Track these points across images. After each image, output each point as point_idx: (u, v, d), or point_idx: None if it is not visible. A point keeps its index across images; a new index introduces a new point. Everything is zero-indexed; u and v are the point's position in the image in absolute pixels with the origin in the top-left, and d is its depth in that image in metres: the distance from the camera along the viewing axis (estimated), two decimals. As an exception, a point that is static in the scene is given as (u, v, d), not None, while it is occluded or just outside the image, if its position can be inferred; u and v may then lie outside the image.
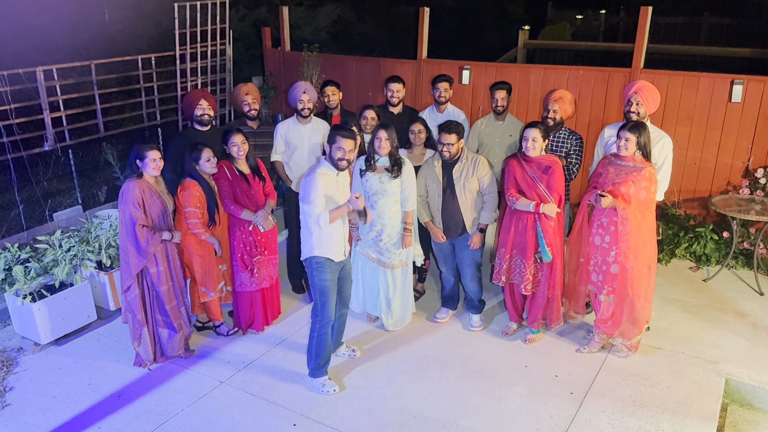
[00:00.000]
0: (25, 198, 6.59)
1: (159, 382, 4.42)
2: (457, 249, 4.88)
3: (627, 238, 4.29)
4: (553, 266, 4.59)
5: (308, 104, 5.28)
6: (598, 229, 4.43)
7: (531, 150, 4.46)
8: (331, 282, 4.19)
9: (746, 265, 5.93)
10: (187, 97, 5.21)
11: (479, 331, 5.04)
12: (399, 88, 5.58)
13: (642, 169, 4.26)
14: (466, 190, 4.67)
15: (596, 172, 4.50)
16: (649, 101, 4.63)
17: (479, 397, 4.21)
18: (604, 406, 4.10)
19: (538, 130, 4.43)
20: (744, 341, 4.79)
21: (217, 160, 4.60)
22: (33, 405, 4.20)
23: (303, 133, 5.34)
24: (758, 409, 4.31)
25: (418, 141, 5.01)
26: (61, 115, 6.71)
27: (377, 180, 4.63)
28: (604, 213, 4.38)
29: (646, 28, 6.24)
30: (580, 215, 4.52)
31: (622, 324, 4.51)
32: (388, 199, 4.65)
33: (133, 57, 7.46)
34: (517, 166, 4.54)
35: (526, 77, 6.88)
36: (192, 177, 4.54)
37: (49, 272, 4.85)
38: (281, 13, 8.55)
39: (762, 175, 5.82)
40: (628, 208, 4.25)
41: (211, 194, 4.60)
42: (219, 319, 4.98)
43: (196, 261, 4.68)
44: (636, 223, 4.27)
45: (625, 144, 4.27)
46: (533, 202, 4.45)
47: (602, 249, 4.43)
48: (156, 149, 4.30)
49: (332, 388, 4.27)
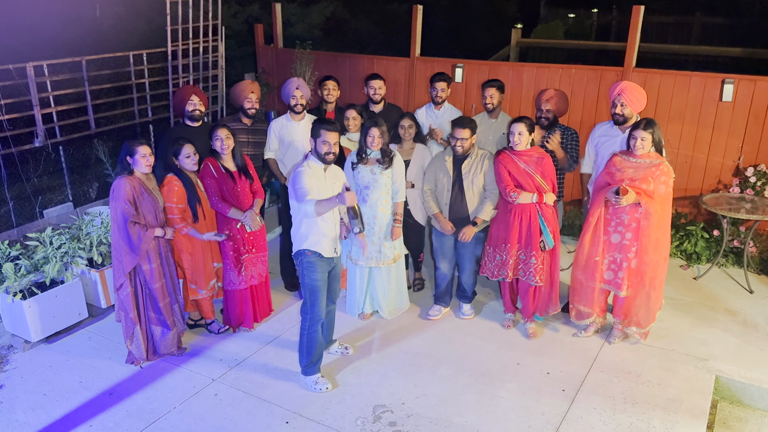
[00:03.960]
0: (15, 195, 6.53)
1: (151, 379, 4.40)
2: (459, 244, 4.95)
3: (649, 233, 4.36)
4: (554, 253, 4.70)
5: (301, 100, 5.26)
6: (617, 227, 4.48)
7: (518, 144, 4.55)
8: (321, 281, 4.19)
9: (736, 263, 5.97)
10: (179, 93, 5.18)
11: (470, 319, 5.16)
12: (380, 85, 5.55)
13: (660, 164, 4.32)
14: (474, 186, 4.76)
15: (608, 172, 4.50)
16: (634, 101, 4.67)
17: (472, 394, 4.22)
18: (596, 403, 4.12)
19: (523, 124, 4.53)
20: (734, 339, 4.83)
21: (198, 157, 4.56)
22: (23, 403, 4.17)
23: (296, 129, 5.32)
24: (748, 406, 4.35)
25: (407, 136, 5.08)
26: (52, 112, 6.67)
27: (369, 172, 4.72)
28: (624, 211, 4.43)
29: (638, 27, 6.27)
30: (595, 213, 4.52)
31: (638, 314, 4.62)
32: (380, 192, 4.74)
33: (125, 53, 7.42)
34: (510, 161, 4.61)
35: (519, 76, 6.90)
36: (171, 171, 4.52)
37: (40, 269, 4.81)
38: (274, 9, 8.52)
39: (752, 174, 5.86)
40: (652, 203, 4.31)
41: (193, 189, 4.56)
42: (210, 316, 4.97)
43: (186, 258, 4.66)
44: (657, 217, 4.36)
45: (641, 144, 4.31)
46: (534, 193, 4.54)
47: (622, 246, 4.49)
48: (146, 145, 4.28)
49: (325, 385, 4.27)
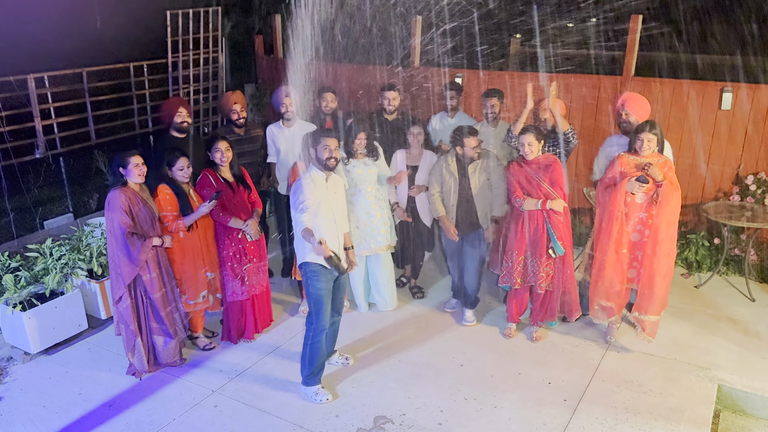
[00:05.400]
0: (15, 206, 6.53)
1: (151, 391, 4.38)
2: (466, 244, 5.02)
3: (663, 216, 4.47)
4: (566, 260, 4.74)
5: (291, 107, 5.41)
6: (636, 226, 4.59)
7: (529, 154, 4.65)
8: (325, 291, 4.19)
9: (737, 272, 5.96)
10: (167, 105, 5.29)
11: (473, 326, 5.16)
12: (394, 96, 5.63)
13: (666, 161, 4.53)
14: (480, 185, 4.89)
15: (621, 172, 4.60)
16: (637, 110, 4.84)
17: (473, 405, 4.20)
18: (598, 413, 4.10)
19: (531, 135, 4.64)
20: (736, 347, 4.81)
21: (191, 170, 4.56)
22: (23, 415, 4.16)
23: (287, 136, 5.47)
24: (750, 416, 4.32)
25: (416, 143, 5.35)
26: (53, 123, 6.68)
27: (363, 164, 5.08)
28: (641, 209, 4.54)
29: (636, 36, 6.30)
30: (618, 207, 4.54)
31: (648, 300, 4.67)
32: (372, 180, 5.12)
33: (126, 64, 7.44)
34: (518, 169, 4.72)
35: (519, 84, 6.91)
36: (164, 181, 4.51)
37: (40, 281, 4.81)
38: (274, 20, 8.56)
39: (752, 182, 5.85)
40: (670, 187, 4.45)
41: (186, 200, 4.53)
42: (198, 330, 4.92)
43: (177, 268, 4.61)
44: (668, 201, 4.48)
45: (648, 145, 4.47)
46: (539, 200, 4.61)
47: (641, 244, 4.59)
48: (138, 155, 4.28)
49: (325, 396, 4.26)
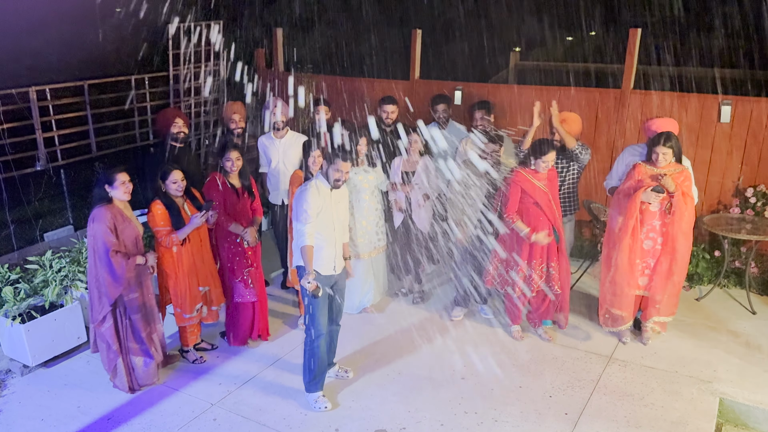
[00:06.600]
0: (16, 218, 6.54)
1: (149, 404, 4.36)
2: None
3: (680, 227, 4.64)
4: (564, 260, 4.93)
5: (281, 118, 5.53)
6: (649, 233, 4.76)
7: (545, 170, 4.80)
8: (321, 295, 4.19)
9: (738, 284, 5.95)
10: (163, 116, 5.33)
11: (458, 320, 5.44)
12: (393, 109, 5.68)
13: (683, 171, 4.70)
14: None
15: (637, 180, 4.71)
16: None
17: (473, 418, 4.18)
18: (599, 427, 4.07)
19: (555, 153, 4.78)
20: (737, 360, 4.79)
21: (186, 183, 4.58)
22: (21, 428, 4.13)
23: (277, 146, 5.60)
24: (752, 429, 4.30)
25: (413, 150, 5.47)
26: (54, 135, 6.70)
27: (363, 170, 5.30)
28: (655, 217, 4.69)
29: (635, 49, 6.33)
30: (633, 216, 4.67)
31: (663, 302, 4.82)
32: (372, 187, 5.33)
33: (127, 77, 7.48)
34: (525, 180, 4.78)
35: (518, 97, 6.94)
36: (157, 196, 4.48)
37: (39, 293, 4.80)
38: (275, 34, 8.61)
39: (752, 195, 5.86)
40: (685, 198, 4.63)
41: (178, 214, 4.51)
42: (189, 344, 4.89)
43: (171, 282, 4.61)
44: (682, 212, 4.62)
45: (663, 158, 4.65)
46: (527, 229, 4.73)
47: (653, 251, 4.76)
48: (124, 171, 4.21)
49: (325, 404, 4.26)
